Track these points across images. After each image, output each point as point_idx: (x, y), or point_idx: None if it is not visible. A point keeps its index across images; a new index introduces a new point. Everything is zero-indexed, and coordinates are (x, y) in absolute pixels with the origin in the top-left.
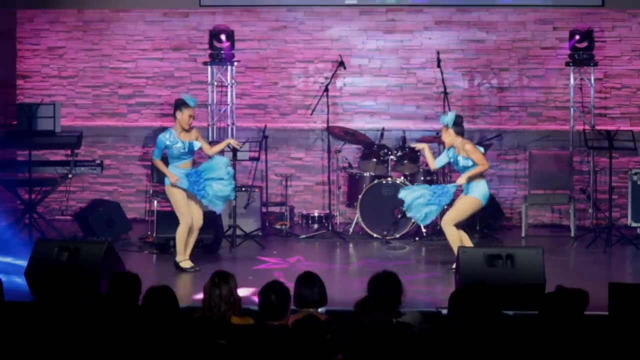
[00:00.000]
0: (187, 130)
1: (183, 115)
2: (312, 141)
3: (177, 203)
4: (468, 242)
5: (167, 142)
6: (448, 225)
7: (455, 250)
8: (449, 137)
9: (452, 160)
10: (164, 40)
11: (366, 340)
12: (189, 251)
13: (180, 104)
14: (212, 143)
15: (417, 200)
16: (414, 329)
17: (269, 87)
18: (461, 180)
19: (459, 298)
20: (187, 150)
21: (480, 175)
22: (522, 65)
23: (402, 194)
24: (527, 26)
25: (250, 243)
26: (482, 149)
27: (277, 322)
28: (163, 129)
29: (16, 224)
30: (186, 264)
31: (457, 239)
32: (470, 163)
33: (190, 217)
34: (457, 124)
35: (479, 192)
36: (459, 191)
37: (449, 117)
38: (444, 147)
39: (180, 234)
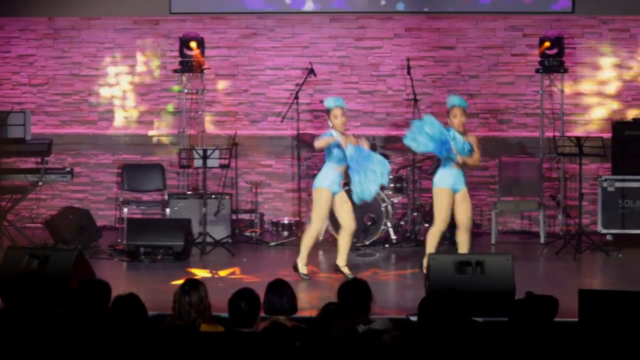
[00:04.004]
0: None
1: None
2: (282, 148)
3: (321, 207)
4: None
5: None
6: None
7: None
8: (464, 118)
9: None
10: (134, 48)
11: (334, 348)
12: (344, 256)
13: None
14: (182, 151)
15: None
16: (384, 336)
17: (239, 95)
18: (460, 159)
19: (428, 305)
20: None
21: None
22: (492, 72)
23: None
24: (497, 33)
25: (220, 250)
26: None
27: (246, 330)
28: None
29: None
30: (304, 269)
31: None
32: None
33: (324, 224)
34: None
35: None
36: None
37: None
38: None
39: (310, 238)
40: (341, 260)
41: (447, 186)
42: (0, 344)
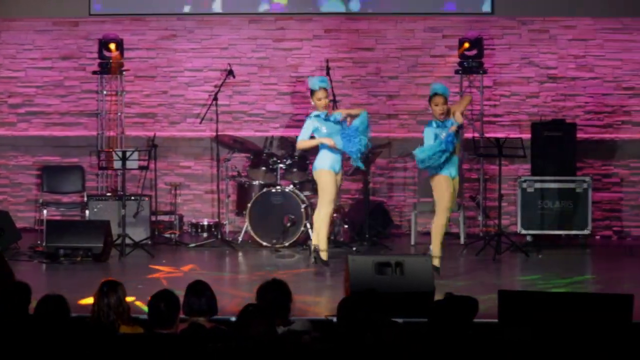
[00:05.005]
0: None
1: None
2: (201, 150)
3: (326, 189)
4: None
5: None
6: None
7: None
8: (445, 106)
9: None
10: (54, 49)
11: (253, 349)
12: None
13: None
14: (100, 153)
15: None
16: (304, 337)
17: (158, 96)
18: (458, 116)
19: (348, 306)
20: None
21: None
22: (412, 73)
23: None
24: (416, 34)
25: (140, 252)
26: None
27: (165, 331)
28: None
29: None
30: (324, 255)
31: None
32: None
33: (333, 205)
34: None
35: None
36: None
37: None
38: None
39: (323, 221)
40: (322, 244)
41: (446, 173)
42: None
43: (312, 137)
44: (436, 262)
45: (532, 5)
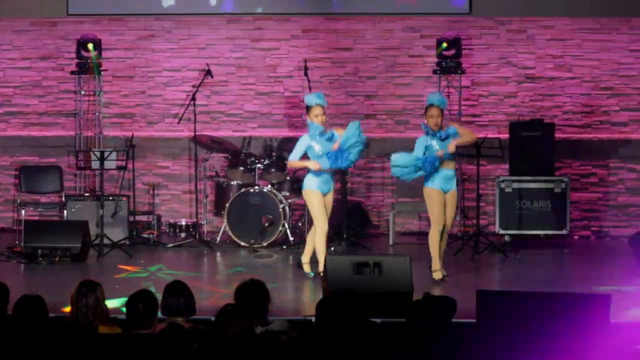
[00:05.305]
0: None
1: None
2: (179, 150)
3: (315, 208)
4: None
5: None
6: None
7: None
8: (440, 118)
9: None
10: (32, 49)
11: (231, 349)
12: (309, 254)
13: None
14: (79, 153)
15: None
16: (282, 337)
17: (136, 96)
18: (452, 146)
19: (326, 306)
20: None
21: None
22: (390, 73)
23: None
24: (394, 34)
25: (118, 252)
26: None
27: (144, 331)
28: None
29: None
30: (307, 267)
31: None
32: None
33: (326, 225)
34: None
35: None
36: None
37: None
38: (431, 132)
39: (319, 240)
40: (305, 257)
41: (437, 187)
42: None
43: (306, 155)
44: (436, 275)
45: (510, 5)
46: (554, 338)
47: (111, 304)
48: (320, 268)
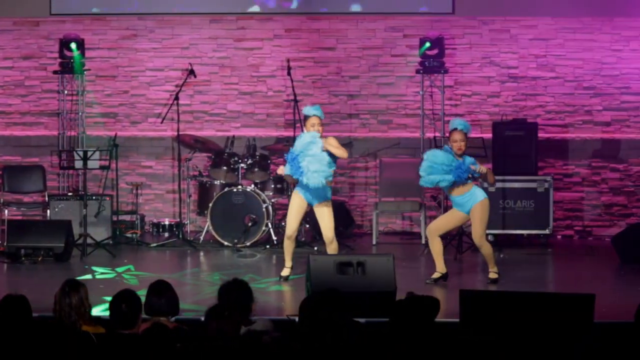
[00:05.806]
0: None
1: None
2: (162, 149)
3: (289, 210)
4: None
5: None
6: (482, 239)
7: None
8: (464, 142)
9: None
10: (15, 49)
11: (214, 349)
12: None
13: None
14: (62, 152)
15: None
16: (264, 337)
17: (119, 96)
18: (483, 168)
19: (309, 305)
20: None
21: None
22: (373, 73)
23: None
24: (377, 34)
25: (101, 252)
26: None
27: (127, 331)
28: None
29: None
30: (285, 271)
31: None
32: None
33: (291, 230)
34: None
35: (481, 193)
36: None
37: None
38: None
39: (285, 241)
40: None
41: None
42: None
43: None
44: (436, 276)
45: (493, 5)
46: (537, 338)
47: (97, 310)
48: (284, 272)
